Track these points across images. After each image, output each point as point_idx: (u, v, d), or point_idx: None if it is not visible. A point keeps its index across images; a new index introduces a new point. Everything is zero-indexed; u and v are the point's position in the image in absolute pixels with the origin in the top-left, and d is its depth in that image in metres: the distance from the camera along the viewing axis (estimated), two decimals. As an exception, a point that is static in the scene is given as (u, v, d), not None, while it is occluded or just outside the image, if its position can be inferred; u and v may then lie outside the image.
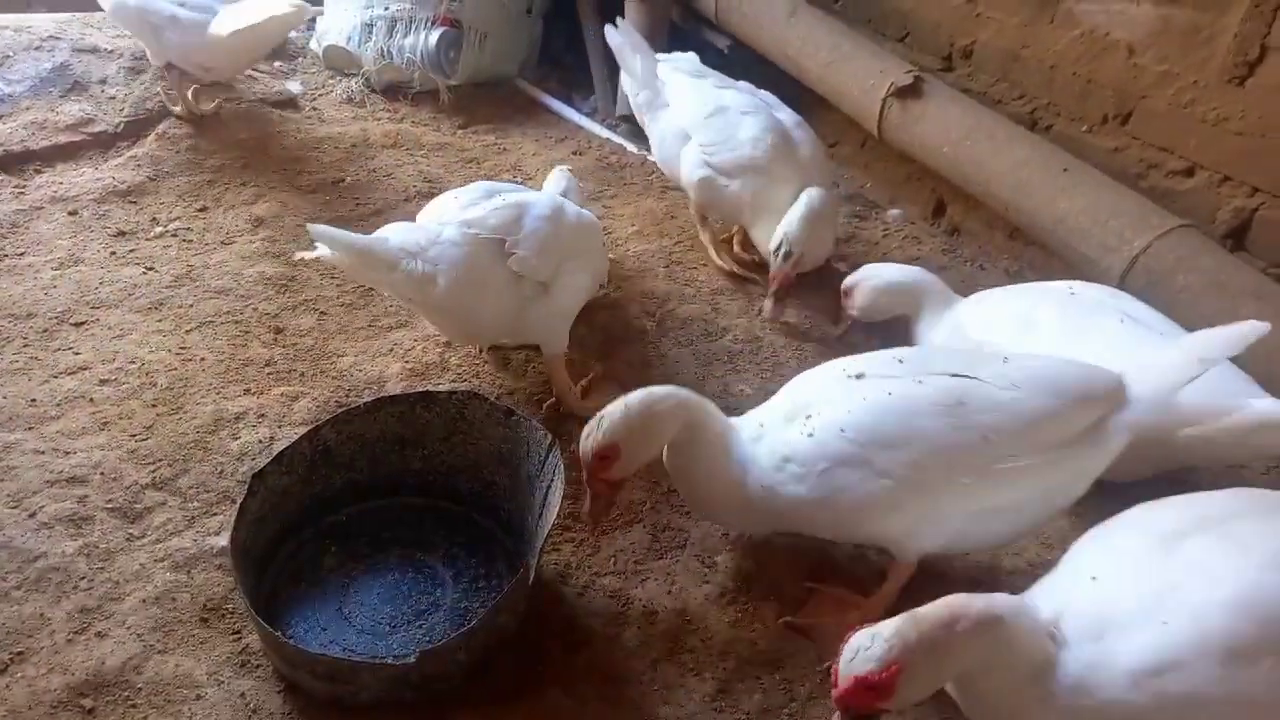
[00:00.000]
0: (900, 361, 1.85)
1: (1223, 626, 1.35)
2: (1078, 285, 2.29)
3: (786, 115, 3.05)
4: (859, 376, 1.83)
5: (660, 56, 3.24)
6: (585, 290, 2.50)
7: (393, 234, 2.24)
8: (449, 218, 2.28)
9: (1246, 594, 1.37)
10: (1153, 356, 1.83)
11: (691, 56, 3.25)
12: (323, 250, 2.11)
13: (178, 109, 3.58)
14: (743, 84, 3.14)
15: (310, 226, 2.06)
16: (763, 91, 3.14)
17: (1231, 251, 2.52)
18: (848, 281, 2.67)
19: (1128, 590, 1.44)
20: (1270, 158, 2.45)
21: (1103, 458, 1.79)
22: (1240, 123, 2.49)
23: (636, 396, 1.84)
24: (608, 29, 3.31)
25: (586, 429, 1.83)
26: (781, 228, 2.73)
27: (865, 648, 1.36)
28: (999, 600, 1.42)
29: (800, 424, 1.83)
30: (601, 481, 1.86)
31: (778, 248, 2.72)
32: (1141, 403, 1.77)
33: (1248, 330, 1.72)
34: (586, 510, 1.90)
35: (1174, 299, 2.34)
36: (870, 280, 2.61)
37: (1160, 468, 2.08)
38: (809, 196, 2.76)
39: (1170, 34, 2.61)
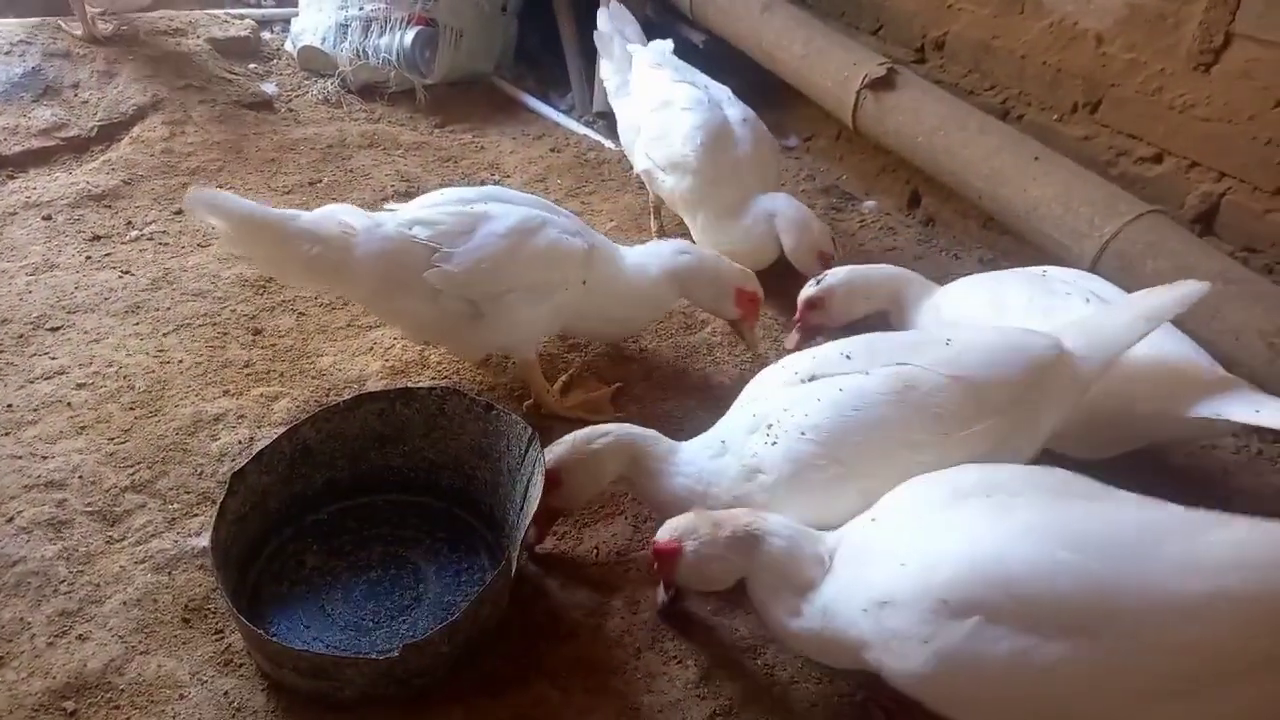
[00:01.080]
0: (847, 357, 1.89)
1: (945, 579, 1.44)
2: (1050, 269, 2.32)
3: (736, 111, 2.97)
4: (811, 379, 1.88)
5: (634, 46, 3.25)
6: (531, 325, 2.30)
7: (327, 214, 2.18)
8: (407, 213, 2.26)
9: (981, 556, 1.46)
10: (1098, 315, 1.87)
11: (663, 46, 3.25)
12: (213, 220, 2.07)
13: (77, 30, 3.59)
14: (701, 78, 3.10)
15: (190, 193, 2.05)
16: (717, 86, 3.08)
17: (1200, 236, 2.55)
18: (811, 292, 2.45)
19: (891, 533, 1.59)
20: (1237, 143, 2.48)
21: (1055, 409, 1.87)
22: (1207, 109, 2.53)
23: (581, 434, 1.97)
24: (600, 12, 3.30)
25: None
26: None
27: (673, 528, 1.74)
28: (771, 522, 1.69)
29: (763, 434, 1.86)
30: (545, 510, 1.94)
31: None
32: (1084, 357, 1.85)
33: (1190, 290, 1.81)
34: (528, 537, 1.97)
35: (1145, 283, 2.34)
36: (843, 286, 2.44)
37: (1124, 446, 2.12)
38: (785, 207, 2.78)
39: (1137, 22, 2.64)
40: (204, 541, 1.97)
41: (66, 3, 3.78)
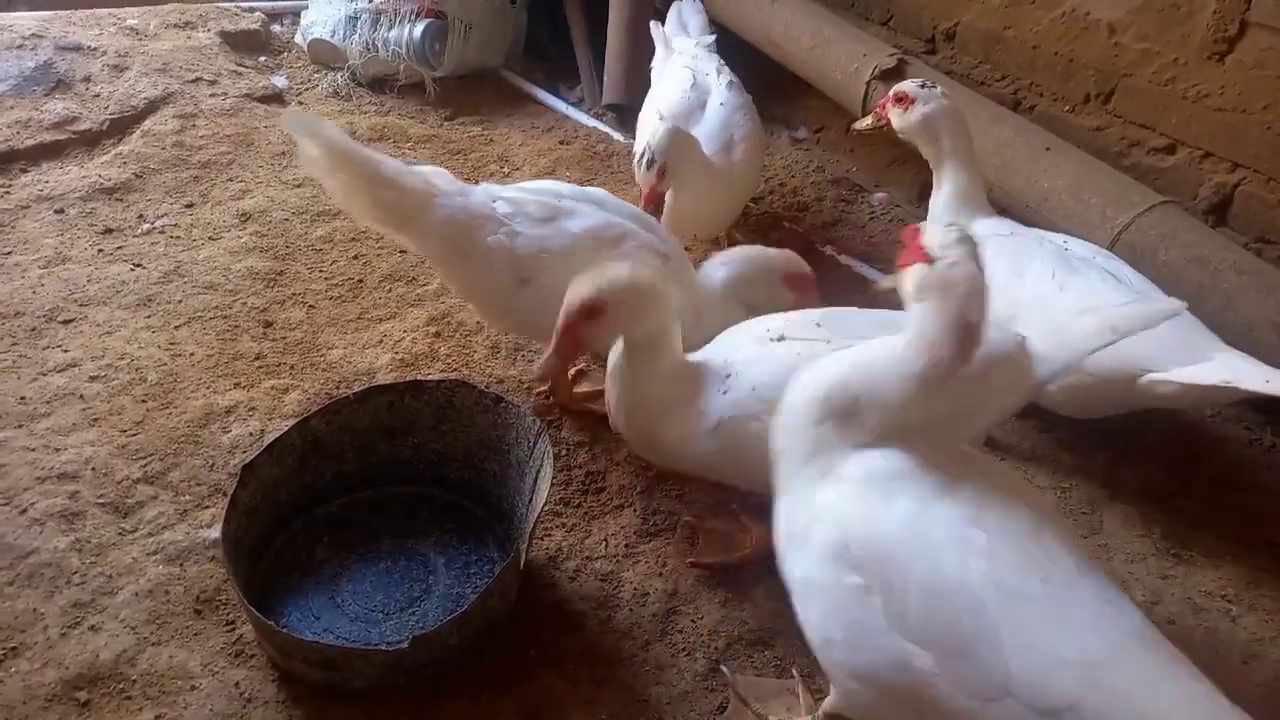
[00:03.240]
0: (817, 324, 1.91)
1: (778, 387, 1.62)
2: (1072, 241, 2.32)
3: (716, 114, 2.93)
4: (780, 339, 1.90)
5: (669, 30, 3.32)
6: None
7: (418, 170, 2.26)
8: (499, 190, 2.31)
9: (833, 370, 1.54)
10: (1069, 322, 1.89)
11: (701, 39, 3.26)
12: (307, 143, 2.11)
13: None
14: (708, 71, 3.09)
15: (290, 115, 2.14)
16: (712, 80, 3.05)
17: (1213, 227, 2.54)
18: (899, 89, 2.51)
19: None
20: (1251, 133, 2.46)
21: (1001, 403, 1.89)
22: (1220, 99, 2.51)
23: (644, 270, 1.90)
24: (685, 3, 3.39)
25: (580, 282, 1.86)
26: (645, 138, 2.67)
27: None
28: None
29: (720, 382, 1.88)
30: (570, 338, 1.88)
31: (640, 156, 2.59)
32: (1048, 362, 1.85)
33: (1165, 308, 1.81)
34: (540, 365, 1.93)
35: (1156, 275, 2.35)
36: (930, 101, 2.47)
37: (1119, 409, 2.18)
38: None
39: (1150, 12, 2.62)
40: (215, 533, 1.98)
41: (78, -3, 3.79)
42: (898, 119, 2.48)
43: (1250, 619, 2.02)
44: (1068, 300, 2.09)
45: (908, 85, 2.47)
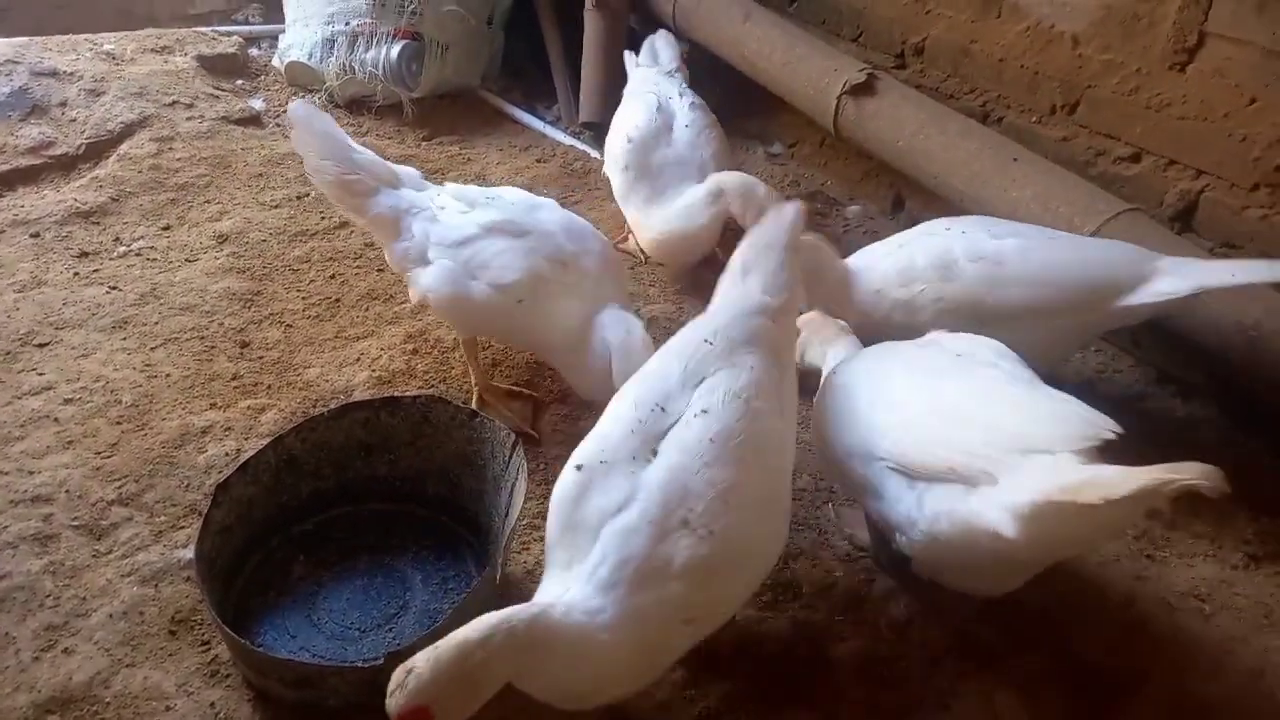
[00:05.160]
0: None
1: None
2: (961, 221, 2.40)
3: (683, 135, 3.01)
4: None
5: (642, 60, 3.41)
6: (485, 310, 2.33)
7: (399, 168, 2.48)
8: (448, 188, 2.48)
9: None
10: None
11: (653, 65, 3.33)
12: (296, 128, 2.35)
13: None
14: (669, 102, 3.13)
15: (296, 107, 2.37)
16: (675, 104, 3.11)
17: (1179, 233, 2.57)
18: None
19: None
20: (1213, 141, 2.50)
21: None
22: (1183, 107, 2.55)
23: (447, 644, 1.41)
24: (658, 37, 3.49)
25: (393, 680, 1.41)
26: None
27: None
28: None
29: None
30: None
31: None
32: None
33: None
34: None
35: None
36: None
37: (1084, 345, 2.36)
38: None
39: (1112, 23, 2.66)
40: (190, 553, 1.97)
41: (56, 21, 3.80)
42: None
43: (1223, 617, 2.04)
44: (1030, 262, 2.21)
45: None
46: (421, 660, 1.39)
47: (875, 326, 2.31)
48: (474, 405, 2.42)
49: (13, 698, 1.73)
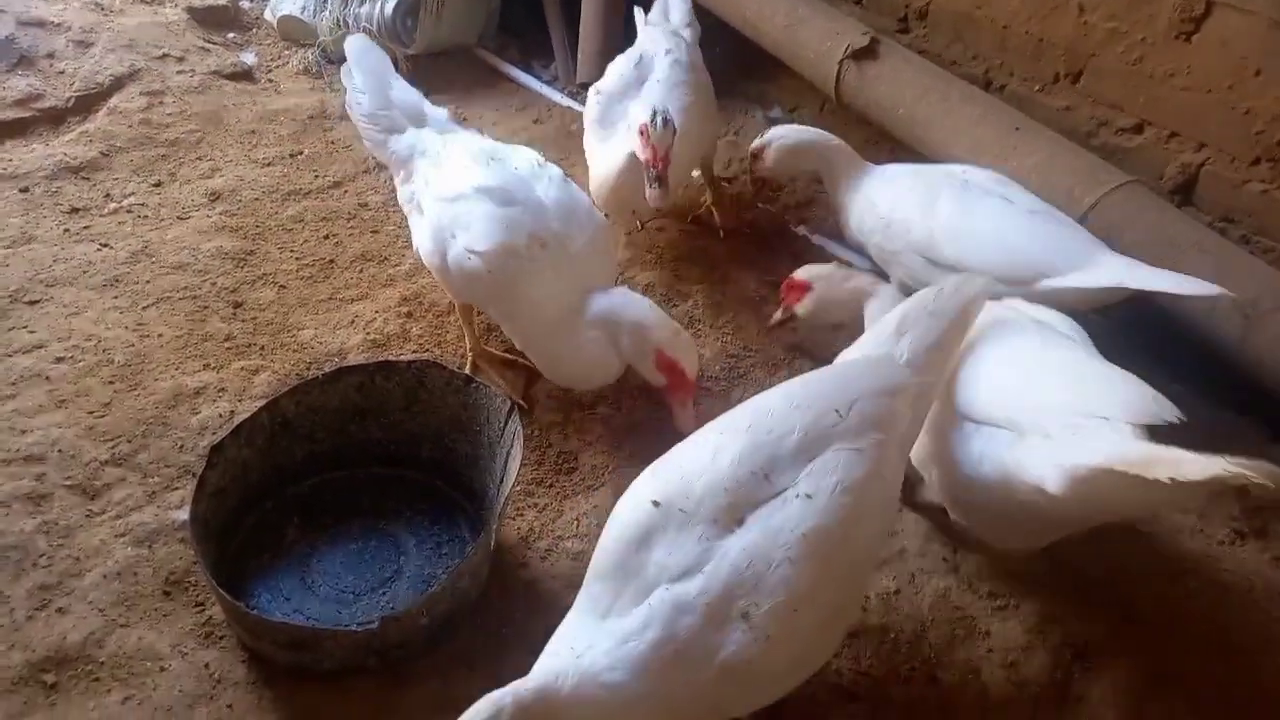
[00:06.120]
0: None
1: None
2: (970, 171, 2.47)
3: (651, 89, 2.83)
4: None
5: (652, 19, 3.22)
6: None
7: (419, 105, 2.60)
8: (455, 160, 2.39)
9: None
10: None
11: (664, 23, 3.21)
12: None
13: None
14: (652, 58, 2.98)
15: (354, 40, 2.52)
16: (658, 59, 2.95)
17: (1179, 206, 2.56)
18: (756, 144, 2.81)
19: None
20: (1216, 113, 2.48)
21: None
22: (1187, 79, 2.53)
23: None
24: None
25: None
26: (650, 103, 2.60)
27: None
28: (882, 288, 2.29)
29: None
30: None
31: (653, 117, 2.48)
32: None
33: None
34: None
35: (1124, 253, 2.38)
36: (778, 141, 2.77)
37: None
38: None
39: (1119, -9, 2.63)
40: (184, 515, 1.97)
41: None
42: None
43: (1209, 592, 2.06)
44: (976, 224, 2.30)
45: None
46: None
47: (856, 238, 2.64)
48: (467, 370, 2.41)
49: (7, 656, 1.74)
